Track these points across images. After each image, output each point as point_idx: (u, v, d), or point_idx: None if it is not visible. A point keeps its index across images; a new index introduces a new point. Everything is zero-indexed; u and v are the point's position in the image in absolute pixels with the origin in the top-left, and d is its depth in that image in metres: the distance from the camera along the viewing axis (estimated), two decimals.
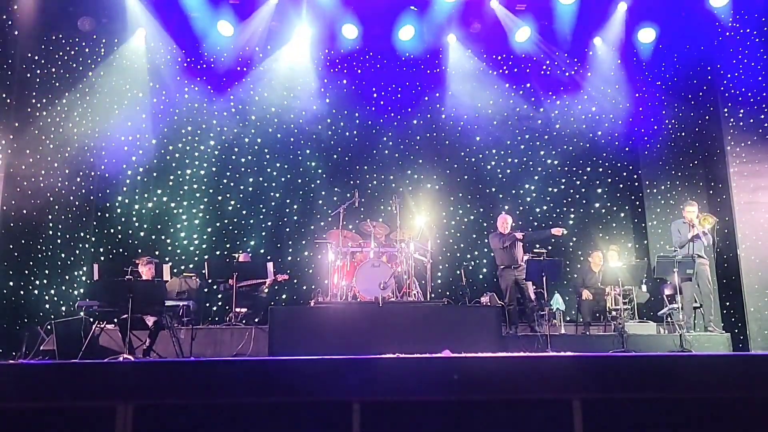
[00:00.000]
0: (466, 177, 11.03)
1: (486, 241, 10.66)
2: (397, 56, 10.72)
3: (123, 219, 10.22)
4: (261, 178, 10.79)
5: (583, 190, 10.99)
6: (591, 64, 10.90)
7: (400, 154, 11.00)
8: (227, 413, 2.35)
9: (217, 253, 10.28)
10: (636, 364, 2.58)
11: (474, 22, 10.48)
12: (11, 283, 8.02)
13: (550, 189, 10.97)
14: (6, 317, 7.86)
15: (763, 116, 9.03)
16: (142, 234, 10.30)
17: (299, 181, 10.86)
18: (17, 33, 8.36)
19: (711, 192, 9.64)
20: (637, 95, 10.77)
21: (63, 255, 9.00)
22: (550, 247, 9.65)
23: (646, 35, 10.14)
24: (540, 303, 8.42)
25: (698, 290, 8.04)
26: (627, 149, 10.93)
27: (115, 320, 7.10)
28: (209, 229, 10.58)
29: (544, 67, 10.96)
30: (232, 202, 10.70)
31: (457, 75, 10.92)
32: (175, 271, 9.40)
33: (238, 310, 8.45)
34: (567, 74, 10.95)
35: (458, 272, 9.36)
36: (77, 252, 9.32)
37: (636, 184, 10.93)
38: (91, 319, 7.34)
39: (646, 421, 2.37)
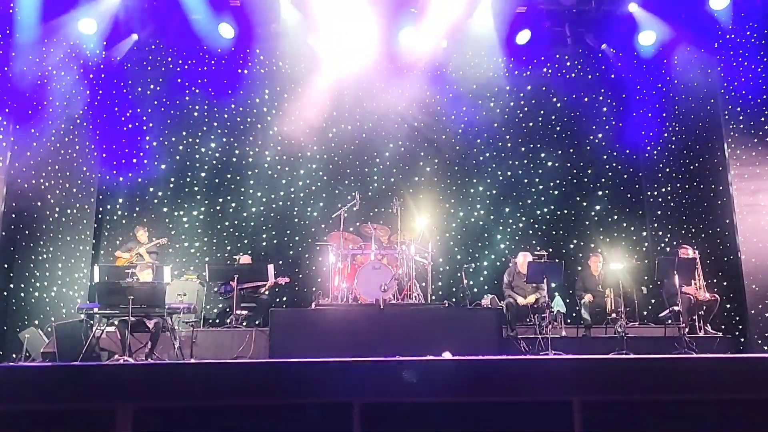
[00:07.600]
0: (467, 179, 11.02)
1: (487, 243, 10.70)
2: (398, 58, 10.71)
3: (123, 221, 10.24)
4: (261, 180, 10.78)
5: (584, 192, 10.98)
6: (591, 66, 10.92)
7: (401, 156, 10.98)
8: (228, 416, 2.34)
9: (218, 255, 10.28)
10: (637, 366, 2.58)
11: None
12: (11, 285, 8.02)
13: (550, 192, 10.96)
14: (6, 319, 7.86)
15: (763, 119, 9.01)
16: None
17: (300, 183, 10.85)
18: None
19: (712, 194, 9.62)
20: (637, 98, 10.77)
21: (63, 257, 9.00)
22: (550, 250, 9.64)
23: (647, 38, 10.14)
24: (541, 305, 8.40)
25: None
26: (627, 152, 10.92)
27: (116, 323, 7.10)
28: (210, 232, 10.57)
29: (545, 69, 10.98)
30: (233, 204, 10.70)
31: (458, 77, 10.92)
32: (175, 273, 9.42)
33: (238, 312, 8.44)
34: (567, 77, 10.96)
35: (459, 274, 9.35)
36: (78, 254, 9.32)
37: (637, 186, 10.92)
38: (92, 322, 7.35)
39: (646, 423, 2.37)
